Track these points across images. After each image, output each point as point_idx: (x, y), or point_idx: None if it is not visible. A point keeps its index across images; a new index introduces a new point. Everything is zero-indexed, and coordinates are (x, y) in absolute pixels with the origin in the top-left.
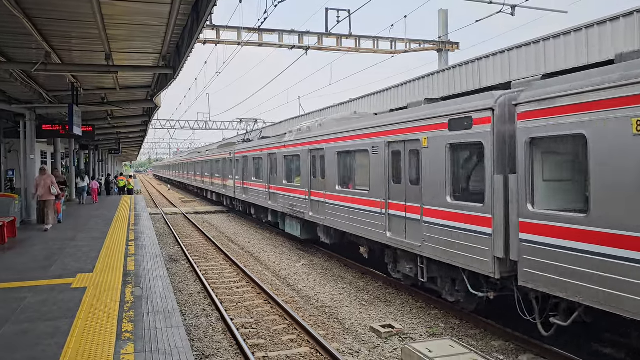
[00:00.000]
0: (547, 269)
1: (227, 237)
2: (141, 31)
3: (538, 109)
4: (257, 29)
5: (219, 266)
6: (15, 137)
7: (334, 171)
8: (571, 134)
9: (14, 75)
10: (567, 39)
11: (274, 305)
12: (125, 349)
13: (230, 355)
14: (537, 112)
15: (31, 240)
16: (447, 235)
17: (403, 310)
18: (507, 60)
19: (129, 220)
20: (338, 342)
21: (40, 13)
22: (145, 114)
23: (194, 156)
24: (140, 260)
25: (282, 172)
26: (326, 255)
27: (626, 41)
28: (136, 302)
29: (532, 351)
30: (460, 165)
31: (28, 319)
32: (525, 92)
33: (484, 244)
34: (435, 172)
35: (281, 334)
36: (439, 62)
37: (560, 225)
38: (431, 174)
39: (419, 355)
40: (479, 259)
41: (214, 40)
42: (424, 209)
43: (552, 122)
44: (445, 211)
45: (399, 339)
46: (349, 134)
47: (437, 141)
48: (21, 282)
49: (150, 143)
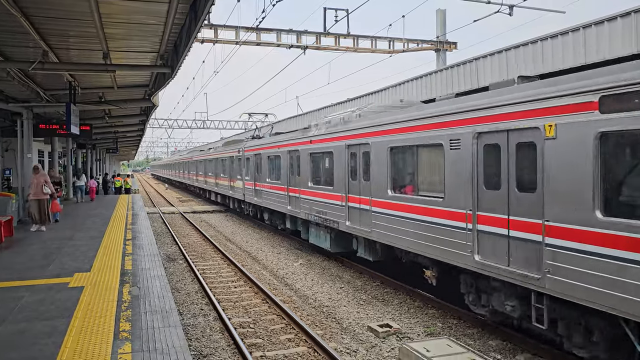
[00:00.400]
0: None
1: (224, 237)
2: (139, 30)
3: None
4: (255, 28)
5: (217, 265)
6: (12, 136)
7: (384, 171)
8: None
9: (11, 73)
10: (564, 39)
11: (271, 305)
12: (123, 348)
13: (227, 354)
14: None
15: (28, 240)
16: (597, 267)
17: (401, 309)
18: (504, 60)
19: (127, 219)
20: (336, 341)
21: (37, 11)
22: (143, 113)
23: (195, 154)
24: (137, 259)
25: (307, 173)
26: (324, 255)
27: (623, 41)
28: (133, 302)
29: (529, 350)
30: (619, 165)
31: (25, 318)
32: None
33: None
34: (568, 173)
35: (279, 333)
36: (437, 61)
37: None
38: (560, 177)
39: (417, 355)
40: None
41: (211, 39)
42: (549, 227)
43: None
44: (592, 231)
45: (396, 339)
46: (408, 124)
47: (575, 130)
48: (18, 281)
49: (148, 142)
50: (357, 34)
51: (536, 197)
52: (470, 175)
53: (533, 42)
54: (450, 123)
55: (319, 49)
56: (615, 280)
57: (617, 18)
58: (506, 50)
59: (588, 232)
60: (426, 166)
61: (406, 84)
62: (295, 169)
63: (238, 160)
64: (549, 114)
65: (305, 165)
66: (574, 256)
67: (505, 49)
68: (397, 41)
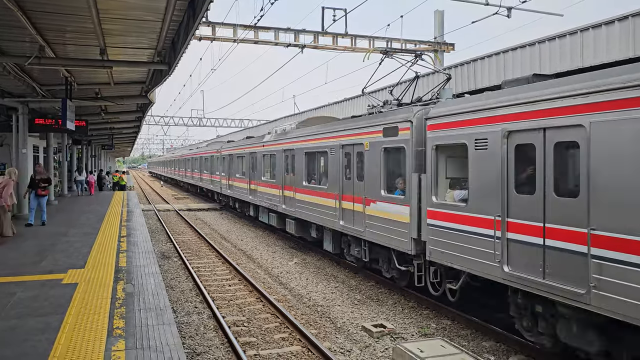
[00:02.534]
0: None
1: (219, 235)
2: (136, 26)
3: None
4: (253, 26)
5: (211, 263)
6: (7, 131)
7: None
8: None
9: (7, 68)
10: (562, 42)
11: (266, 304)
12: (116, 345)
13: (221, 353)
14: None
15: (22, 236)
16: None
17: (395, 310)
18: (502, 62)
19: (122, 216)
20: (330, 341)
21: (34, 6)
22: (139, 109)
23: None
24: (132, 256)
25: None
26: (319, 254)
27: (621, 45)
28: (127, 299)
29: (522, 352)
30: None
31: (18, 314)
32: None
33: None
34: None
35: (273, 332)
36: (435, 62)
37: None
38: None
39: (410, 355)
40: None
41: (209, 36)
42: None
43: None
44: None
45: (390, 339)
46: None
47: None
48: (11, 277)
49: (144, 139)
50: (355, 34)
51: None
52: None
53: (531, 44)
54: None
55: (316, 48)
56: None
57: (614, 22)
58: (504, 52)
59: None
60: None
61: (403, 85)
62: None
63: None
64: (597, 110)
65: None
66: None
67: (503, 51)
68: (395, 41)
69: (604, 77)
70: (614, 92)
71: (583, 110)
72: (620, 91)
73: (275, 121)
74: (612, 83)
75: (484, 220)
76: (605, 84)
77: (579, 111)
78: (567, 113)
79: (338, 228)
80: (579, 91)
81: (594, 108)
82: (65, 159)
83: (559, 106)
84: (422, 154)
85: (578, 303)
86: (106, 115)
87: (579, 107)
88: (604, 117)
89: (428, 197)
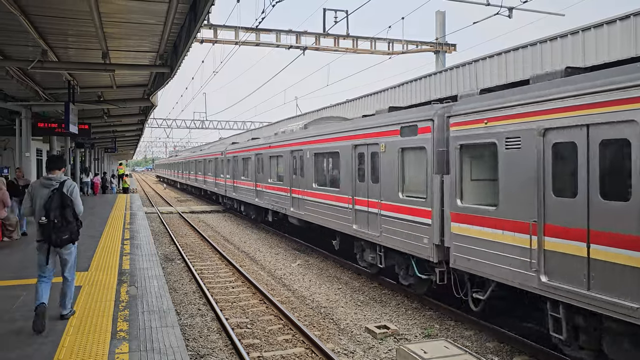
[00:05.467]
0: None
1: (222, 237)
2: (138, 29)
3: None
4: (255, 28)
5: (215, 266)
6: (10, 135)
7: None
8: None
9: (10, 72)
10: (564, 42)
11: (269, 305)
12: (120, 348)
13: (225, 355)
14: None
15: (26, 239)
16: None
17: (398, 311)
18: (504, 62)
19: (125, 219)
20: (333, 342)
21: (37, 10)
22: (142, 112)
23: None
24: (135, 259)
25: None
26: (322, 256)
27: (622, 44)
28: (131, 301)
29: (526, 353)
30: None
31: (22, 317)
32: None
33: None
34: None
35: (276, 334)
36: (436, 63)
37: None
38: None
39: (414, 357)
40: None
41: (211, 39)
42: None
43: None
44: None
45: (394, 340)
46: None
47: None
48: (16, 280)
49: (147, 142)
50: (356, 35)
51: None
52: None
53: (532, 44)
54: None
55: (318, 50)
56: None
57: (616, 21)
58: (505, 52)
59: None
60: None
61: (406, 85)
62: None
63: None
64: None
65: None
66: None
67: (505, 51)
68: (397, 42)
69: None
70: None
71: (636, 103)
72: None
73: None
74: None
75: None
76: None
77: (630, 105)
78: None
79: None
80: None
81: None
82: (68, 162)
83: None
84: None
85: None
86: (109, 118)
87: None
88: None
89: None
